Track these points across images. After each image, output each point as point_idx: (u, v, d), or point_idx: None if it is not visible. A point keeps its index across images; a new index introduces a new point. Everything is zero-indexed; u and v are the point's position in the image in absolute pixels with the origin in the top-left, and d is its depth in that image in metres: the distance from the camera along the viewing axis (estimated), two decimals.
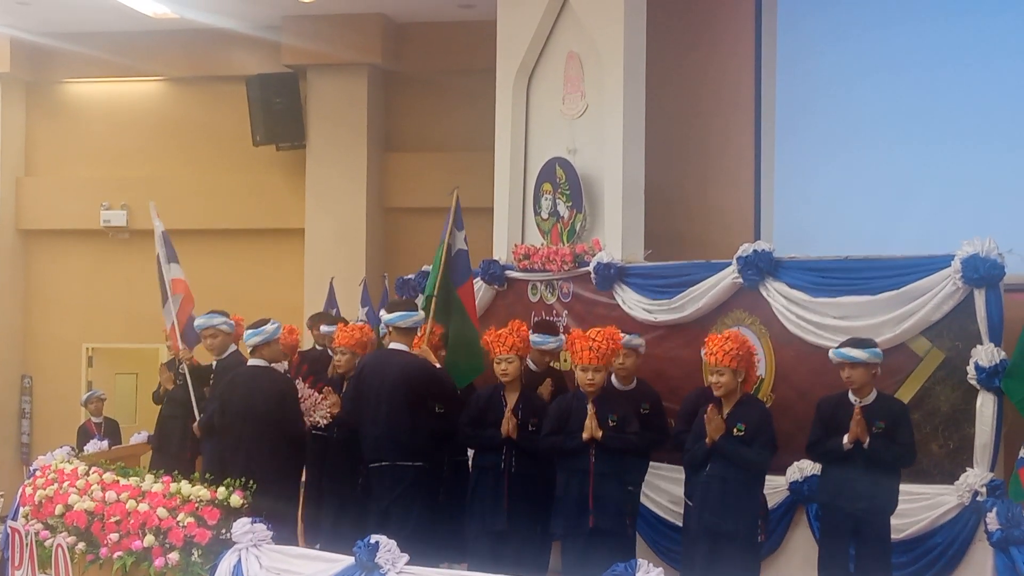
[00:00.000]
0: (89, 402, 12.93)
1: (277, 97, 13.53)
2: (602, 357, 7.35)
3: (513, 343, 7.80)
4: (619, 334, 7.59)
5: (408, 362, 7.97)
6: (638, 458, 7.72)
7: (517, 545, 7.68)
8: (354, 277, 12.38)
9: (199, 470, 9.55)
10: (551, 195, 9.93)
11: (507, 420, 7.64)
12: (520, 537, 7.68)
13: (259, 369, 8.08)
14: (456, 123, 13.55)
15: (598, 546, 7.31)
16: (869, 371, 6.90)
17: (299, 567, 6.63)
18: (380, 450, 7.91)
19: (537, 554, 7.75)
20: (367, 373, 8.09)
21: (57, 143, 15.03)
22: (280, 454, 7.93)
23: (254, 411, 7.89)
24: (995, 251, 7.16)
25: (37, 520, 8.23)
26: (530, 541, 7.71)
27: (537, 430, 7.65)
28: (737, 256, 8.25)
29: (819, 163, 10.44)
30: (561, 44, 10.13)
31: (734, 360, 6.92)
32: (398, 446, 7.85)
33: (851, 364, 6.89)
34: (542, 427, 7.58)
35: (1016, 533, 6.81)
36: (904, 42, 10.09)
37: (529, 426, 7.71)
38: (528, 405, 7.81)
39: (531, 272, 9.85)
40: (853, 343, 6.98)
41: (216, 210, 14.31)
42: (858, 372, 6.89)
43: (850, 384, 6.93)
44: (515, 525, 7.69)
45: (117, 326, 14.62)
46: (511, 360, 7.78)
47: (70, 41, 14.26)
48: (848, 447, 6.81)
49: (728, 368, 6.93)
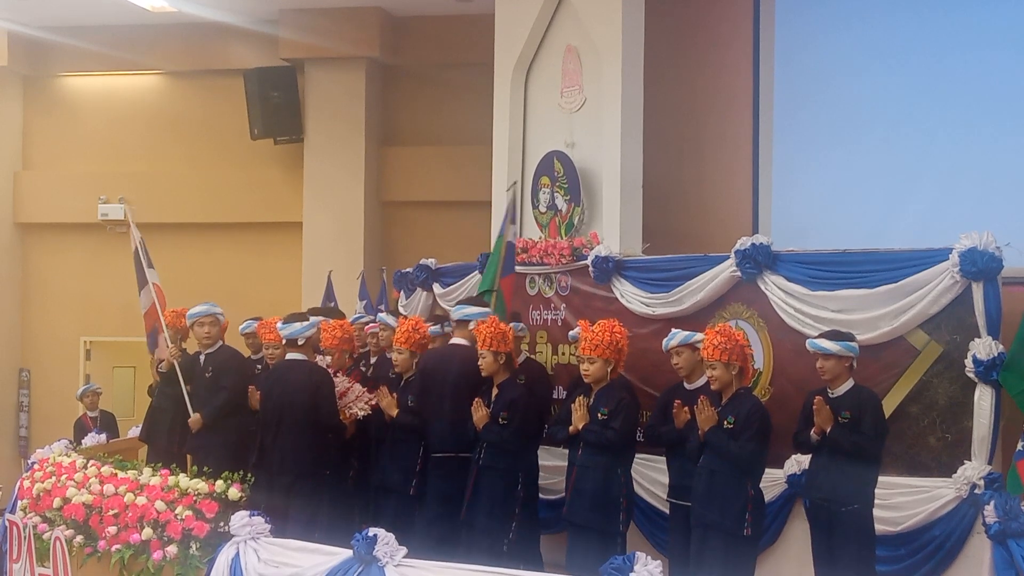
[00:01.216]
0: (85, 396, 12.93)
1: (275, 91, 13.51)
2: (596, 348, 7.44)
3: (485, 337, 7.92)
4: (619, 326, 7.64)
5: (468, 357, 8.18)
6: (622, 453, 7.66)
7: (470, 536, 7.89)
8: (352, 271, 12.37)
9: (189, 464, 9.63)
10: (549, 189, 9.93)
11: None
12: (478, 529, 7.86)
13: (297, 362, 8.33)
14: (454, 117, 13.53)
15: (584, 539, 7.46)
16: (842, 363, 6.96)
17: (297, 560, 6.64)
18: (444, 442, 8.23)
19: (490, 546, 7.77)
20: (431, 368, 8.38)
21: (54, 137, 15.01)
22: (317, 443, 8.21)
23: (292, 402, 8.17)
24: (993, 244, 7.17)
25: (35, 513, 8.24)
26: (487, 533, 7.81)
27: (508, 424, 7.79)
28: (735, 249, 8.25)
29: (817, 156, 10.45)
30: (559, 38, 10.12)
31: (724, 354, 6.99)
32: (461, 438, 8.10)
33: (824, 355, 6.99)
34: (511, 421, 7.77)
35: (1014, 526, 6.78)
36: (901, 35, 10.10)
37: (500, 419, 7.83)
38: (501, 398, 7.91)
39: (529, 265, 9.85)
40: (828, 335, 7.08)
41: (214, 204, 14.30)
42: (830, 363, 6.97)
43: (822, 374, 7.02)
44: (471, 516, 7.90)
45: (115, 320, 14.61)
46: (484, 355, 7.93)
47: (67, 35, 14.24)
48: (816, 439, 6.91)
49: (719, 362, 7.02)
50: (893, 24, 10.13)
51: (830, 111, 10.41)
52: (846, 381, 6.98)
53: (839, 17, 10.42)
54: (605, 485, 7.44)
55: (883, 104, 10.14)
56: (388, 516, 8.20)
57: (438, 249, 11.40)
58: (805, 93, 10.55)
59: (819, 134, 10.46)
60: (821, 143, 10.44)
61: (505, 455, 7.83)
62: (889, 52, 10.14)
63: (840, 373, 6.98)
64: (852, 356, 6.98)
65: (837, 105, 10.37)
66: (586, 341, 7.54)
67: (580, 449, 7.56)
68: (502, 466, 7.84)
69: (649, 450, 8.23)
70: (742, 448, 6.88)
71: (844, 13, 10.38)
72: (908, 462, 7.46)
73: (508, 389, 7.97)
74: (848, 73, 10.33)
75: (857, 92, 10.27)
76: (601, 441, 7.40)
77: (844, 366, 6.98)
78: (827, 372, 7.00)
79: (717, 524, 6.90)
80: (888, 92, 10.12)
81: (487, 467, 7.89)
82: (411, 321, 8.72)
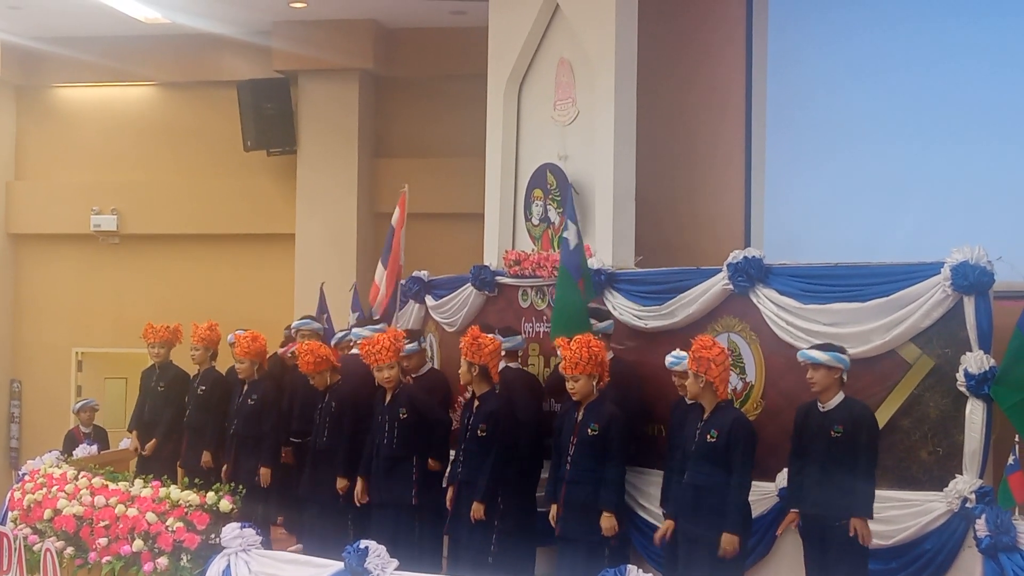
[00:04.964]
0: (82, 411, 12.84)
1: (268, 102, 13.53)
2: (577, 366, 7.49)
3: (465, 351, 8.01)
4: (595, 341, 7.67)
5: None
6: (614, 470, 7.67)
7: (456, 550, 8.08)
8: (345, 282, 12.35)
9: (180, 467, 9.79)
10: (542, 201, 9.94)
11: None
12: (461, 544, 8.02)
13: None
14: (447, 129, 13.55)
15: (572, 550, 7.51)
16: (831, 374, 6.96)
17: (288, 572, 6.65)
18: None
19: (473, 559, 7.88)
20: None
21: (47, 147, 15.01)
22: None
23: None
24: (985, 258, 7.17)
25: (26, 524, 8.23)
26: (468, 547, 7.93)
27: (487, 435, 7.85)
28: (727, 262, 8.25)
29: (809, 169, 10.45)
30: (552, 50, 10.14)
31: (692, 363, 7.03)
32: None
33: (813, 366, 7.00)
34: (491, 434, 7.85)
35: (1005, 540, 6.80)
36: (894, 48, 10.11)
37: (479, 431, 7.87)
38: (481, 410, 7.96)
39: (522, 278, 9.84)
40: (818, 346, 7.10)
41: (207, 215, 14.30)
42: (819, 374, 6.98)
43: (812, 385, 7.03)
44: (454, 530, 8.08)
45: (107, 330, 14.61)
46: (461, 364, 8.06)
47: (61, 45, 14.23)
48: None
49: (690, 371, 7.07)
50: (886, 37, 10.14)
51: (823, 124, 10.41)
52: (836, 394, 6.99)
53: (832, 30, 10.43)
54: (595, 499, 7.49)
55: (876, 117, 10.15)
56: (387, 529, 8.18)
57: (431, 261, 11.39)
58: (798, 105, 10.56)
59: (812, 147, 10.46)
60: (813, 156, 10.44)
61: (483, 469, 7.85)
62: (882, 65, 10.15)
63: (829, 385, 6.99)
64: (841, 368, 6.98)
65: (830, 118, 10.38)
66: (566, 360, 7.57)
67: (568, 464, 7.56)
68: (474, 479, 7.88)
69: (642, 462, 8.23)
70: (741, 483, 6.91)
71: (837, 26, 10.39)
72: (899, 475, 7.45)
73: (488, 401, 7.99)
74: (841, 86, 10.33)
75: (850, 105, 10.28)
76: (617, 485, 7.53)
77: (833, 378, 6.98)
78: (816, 383, 7.00)
79: (705, 538, 6.91)
80: (881, 105, 10.13)
81: (466, 482, 7.93)
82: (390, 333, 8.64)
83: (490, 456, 7.85)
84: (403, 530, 8.16)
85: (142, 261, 14.64)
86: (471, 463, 7.94)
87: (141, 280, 14.61)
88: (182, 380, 10.53)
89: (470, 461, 7.95)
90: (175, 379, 10.56)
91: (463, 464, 8.00)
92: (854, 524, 6.79)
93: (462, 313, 10.16)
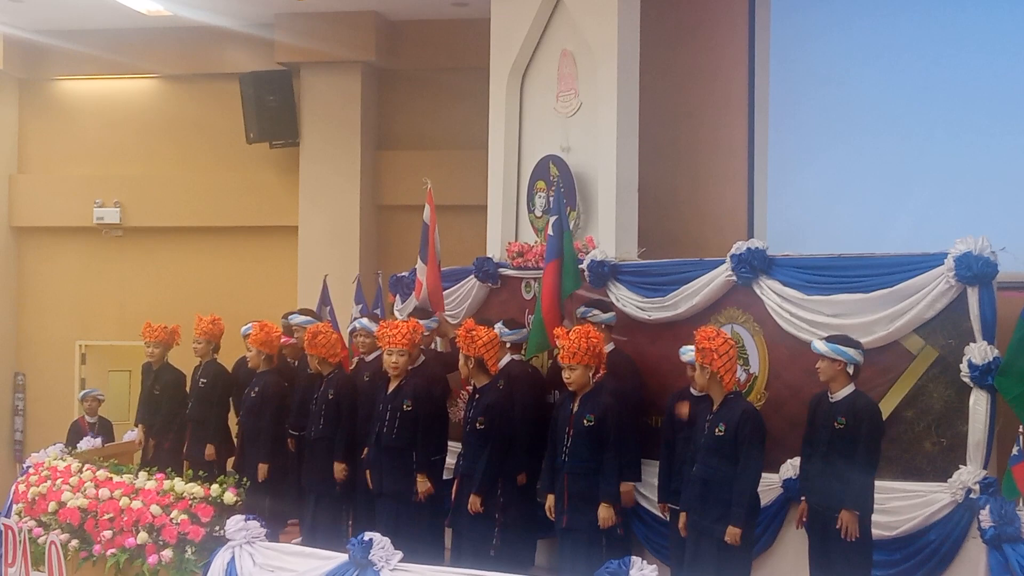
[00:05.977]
0: (86, 399, 12.86)
1: (270, 95, 13.51)
2: (575, 356, 7.47)
3: (460, 343, 8.07)
4: (594, 332, 7.65)
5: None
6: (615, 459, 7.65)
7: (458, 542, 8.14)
8: (348, 275, 12.35)
9: (185, 459, 9.82)
10: (545, 193, 9.93)
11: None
12: (463, 536, 8.07)
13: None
14: (450, 121, 13.54)
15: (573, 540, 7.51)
16: (835, 366, 6.99)
17: (292, 564, 6.65)
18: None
19: (475, 552, 7.89)
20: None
21: (50, 140, 15.00)
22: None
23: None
24: (988, 249, 7.18)
25: (30, 517, 8.24)
26: (471, 540, 7.96)
27: (485, 428, 7.85)
28: (731, 254, 8.25)
29: (812, 160, 10.44)
30: (555, 42, 10.13)
31: (697, 354, 7.08)
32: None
33: (820, 356, 7.06)
34: (489, 426, 7.86)
35: (1009, 530, 6.82)
36: (897, 38, 10.10)
37: (477, 424, 7.89)
38: (480, 403, 7.97)
39: (525, 270, 9.84)
40: (829, 338, 7.12)
41: (209, 208, 14.30)
42: (823, 365, 7.05)
43: (818, 375, 7.09)
44: (455, 523, 8.10)
45: (110, 323, 14.61)
46: (460, 358, 8.12)
47: (63, 38, 14.23)
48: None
49: (696, 362, 7.10)
50: (888, 27, 10.13)
51: (826, 114, 10.41)
52: (845, 386, 6.99)
53: (835, 20, 10.42)
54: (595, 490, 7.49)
55: (879, 107, 10.14)
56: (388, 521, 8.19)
57: None
58: (800, 96, 10.55)
59: (815, 137, 10.46)
60: (817, 146, 10.44)
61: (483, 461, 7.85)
62: (885, 55, 10.14)
63: (835, 376, 7.00)
64: (843, 361, 6.98)
65: (833, 108, 10.37)
66: (564, 350, 7.56)
67: (566, 456, 7.55)
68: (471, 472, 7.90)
69: (644, 453, 8.23)
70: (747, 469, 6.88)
71: (840, 16, 10.38)
72: (904, 466, 7.46)
73: (487, 394, 7.99)
74: (844, 76, 10.32)
75: (853, 95, 10.27)
76: (617, 475, 7.52)
77: (838, 369, 6.99)
78: (822, 373, 7.05)
79: (710, 530, 6.91)
80: (884, 95, 10.12)
81: (466, 474, 7.94)
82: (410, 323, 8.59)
83: (487, 448, 7.85)
84: (404, 522, 8.16)
85: (145, 254, 14.64)
86: (470, 456, 7.95)
87: (144, 273, 14.62)
88: (177, 385, 10.47)
89: (469, 454, 7.95)
90: (169, 384, 10.47)
91: (463, 457, 8.01)
92: (842, 516, 6.81)
93: (465, 305, 10.17)
